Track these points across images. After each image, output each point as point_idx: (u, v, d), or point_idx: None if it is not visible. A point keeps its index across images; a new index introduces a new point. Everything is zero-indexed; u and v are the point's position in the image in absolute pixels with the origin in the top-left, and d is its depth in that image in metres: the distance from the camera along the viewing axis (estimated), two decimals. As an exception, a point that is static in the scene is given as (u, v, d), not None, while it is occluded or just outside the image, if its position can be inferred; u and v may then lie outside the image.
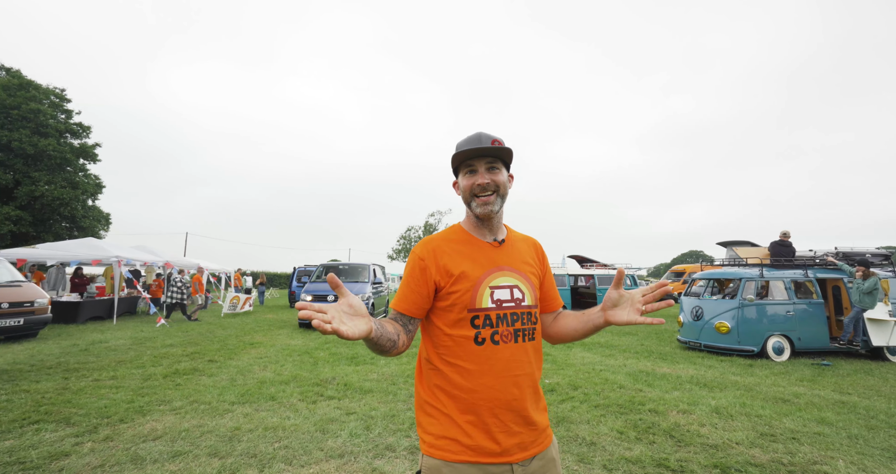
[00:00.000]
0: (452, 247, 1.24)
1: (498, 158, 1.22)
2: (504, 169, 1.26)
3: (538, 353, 1.24)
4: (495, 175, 1.22)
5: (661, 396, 4.70)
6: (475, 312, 1.17)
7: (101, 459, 2.87)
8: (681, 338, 8.12)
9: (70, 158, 24.60)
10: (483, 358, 1.15)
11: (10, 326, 7.58)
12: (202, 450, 3.03)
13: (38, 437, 3.23)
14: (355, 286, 10.00)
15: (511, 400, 1.14)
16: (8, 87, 23.13)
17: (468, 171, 1.23)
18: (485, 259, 1.23)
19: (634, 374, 5.75)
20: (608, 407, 4.32)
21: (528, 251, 1.34)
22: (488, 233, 1.28)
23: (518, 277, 1.24)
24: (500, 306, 1.19)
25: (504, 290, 1.20)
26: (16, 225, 21.98)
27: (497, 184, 1.21)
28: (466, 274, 1.19)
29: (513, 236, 1.34)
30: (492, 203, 1.21)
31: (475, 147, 1.18)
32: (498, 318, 1.18)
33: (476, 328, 1.17)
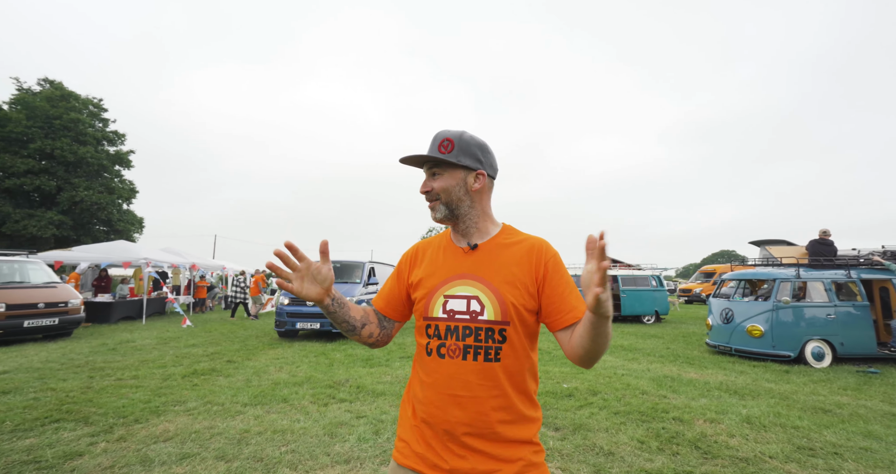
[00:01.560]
0: (431, 252, 1.21)
1: (442, 162, 1.12)
2: (457, 171, 1.13)
3: (508, 378, 1.06)
4: (436, 181, 1.14)
5: (687, 403, 4.45)
6: (428, 321, 1.12)
7: (112, 460, 2.90)
8: (710, 341, 7.74)
9: (106, 165, 25.79)
10: (430, 369, 1.09)
11: (45, 326, 7.93)
12: (210, 453, 3.02)
13: (57, 436, 3.30)
14: (343, 287, 8.98)
15: (451, 421, 1.04)
16: (51, 99, 24.44)
17: (426, 176, 1.18)
18: (449, 265, 1.15)
19: (658, 379, 5.48)
20: (629, 414, 4.11)
21: (515, 256, 1.13)
22: (462, 238, 1.19)
23: (480, 287, 1.09)
24: (452, 317, 1.09)
25: (459, 301, 1.09)
26: (58, 229, 23.17)
27: (438, 191, 1.13)
28: (424, 280, 1.16)
29: (499, 240, 1.17)
30: (434, 209, 1.15)
31: (409, 155, 1.13)
32: (448, 330, 1.09)
33: (428, 337, 1.12)
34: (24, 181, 22.76)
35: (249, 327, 10.60)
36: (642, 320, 12.71)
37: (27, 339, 8.01)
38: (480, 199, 1.17)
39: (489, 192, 1.20)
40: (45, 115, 23.73)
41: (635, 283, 12.64)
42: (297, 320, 8.25)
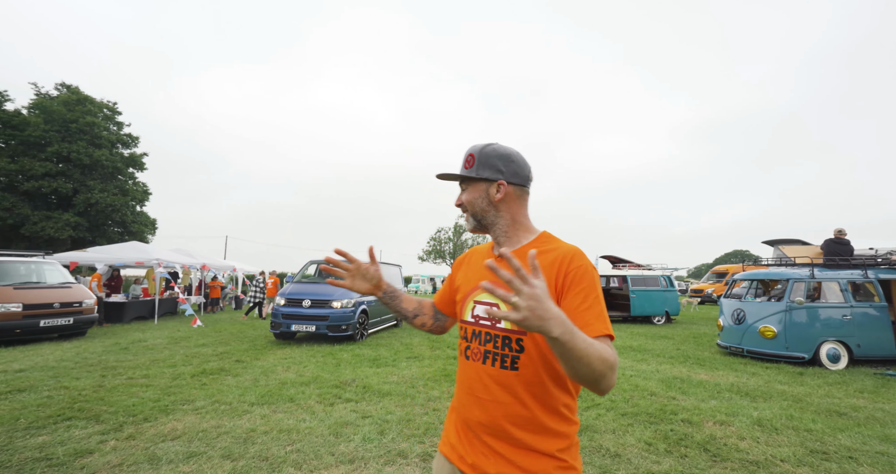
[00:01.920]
0: (473, 259, 1.30)
1: (466, 178, 1.20)
2: (479, 183, 1.19)
3: (527, 388, 1.04)
4: (464, 195, 1.22)
5: (697, 405, 4.38)
6: (462, 324, 1.23)
7: (121, 458, 2.94)
8: (721, 342, 7.62)
9: (121, 167, 26.27)
10: (461, 368, 1.19)
11: (60, 325, 8.09)
12: (216, 452, 3.05)
13: (69, 434, 3.36)
14: (338, 290, 8.25)
15: (473, 420, 1.11)
16: (68, 103, 24.97)
17: None
18: (482, 272, 1.21)
19: (668, 381, 5.40)
20: (637, 415, 4.06)
21: (544, 265, 1.08)
22: (497, 246, 1.24)
23: None
24: (477, 322, 1.17)
25: (484, 307, 1.16)
26: (75, 230, 23.65)
27: (465, 204, 1.21)
28: (462, 285, 1.26)
29: (528, 248, 1.13)
30: (467, 221, 1.24)
31: (442, 174, 1.22)
32: (473, 334, 1.17)
33: (462, 338, 1.22)
34: (41, 184, 23.28)
35: (259, 327, 10.70)
36: (652, 321, 12.56)
37: (43, 338, 8.19)
38: (508, 208, 1.18)
39: (518, 200, 1.19)
40: (62, 118, 24.25)
41: (645, 284, 12.49)
42: (292, 322, 8.06)
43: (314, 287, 8.63)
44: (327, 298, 8.16)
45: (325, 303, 8.13)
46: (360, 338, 8.50)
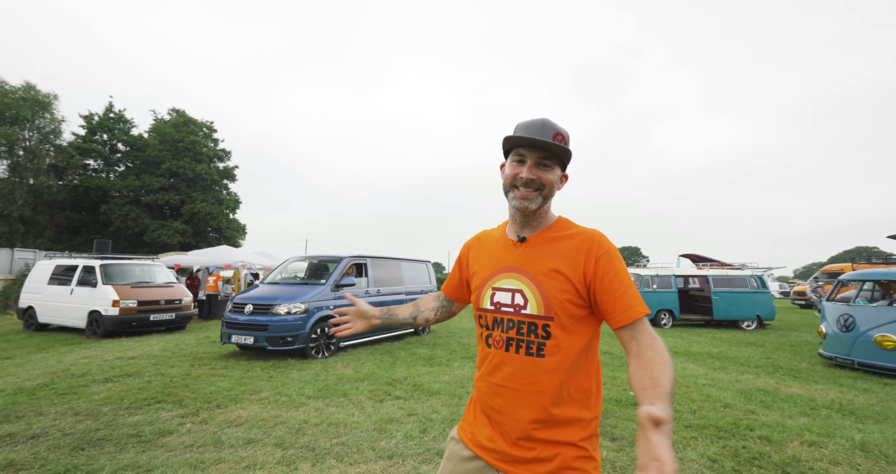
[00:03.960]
0: (486, 244, 1.26)
1: (554, 155, 1.09)
2: (557, 167, 1.13)
3: (552, 376, 1.03)
4: (545, 172, 1.10)
5: (781, 421, 3.85)
6: (480, 312, 1.19)
7: (193, 439, 3.31)
8: (824, 352, 6.61)
9: (216, 179, 29.56)
10: (482, 356, 1.18)
11: (165, 320, 9.33)
12: (271, 440, 3.31)
13: (157, 415, 3.86)
14: (299, 290, 6.93)
15: (493, 409, 1.10)
16: (177, 125, 28.68)
17: (517, 159, 1.12)
18: (499, 258, 1.18)
19: (748, 392, 4.82)
20: (703, 428, 3.67)
21: (564, 250, 1.09)
22: (518, 231, 1.19)
23: (525, 281, 1.10)
24: (499, 309, 1.14)
25: (505, 293, 1.13)
26: (182, 236, 27.07)
27: (544, 182, 1.10)
28: (477, 272, 1.23)
29: (551, 234, 1.14)
30: (531, 200, 1.10)
31: (531, 137, 1.06)
32: (494, 322, 1.14)
33: (481, 326, 1.19)
34: (157, 197, 26.99)
35: (330, 324, 11.40)
36: (740, 325, 11.27)
37: (152, 331, 9.48)
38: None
39: None
40: (172, 139, 27.92)
41: (730, 284, 11.24)
42: (232, 332, 6.54)
43: (275, 290, 7.01)
44: (270, 302, 6.51)
45: (266, 308, 6.45)
46: (322, 355, 6.63)
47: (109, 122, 28.39)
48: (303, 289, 6.94)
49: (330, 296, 6.99)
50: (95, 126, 28.01)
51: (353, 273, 7.77)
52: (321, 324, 6.68)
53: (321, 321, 6.71)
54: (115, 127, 28.55)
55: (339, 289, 7.13)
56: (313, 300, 6.72)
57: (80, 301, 8.95)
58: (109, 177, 27.97)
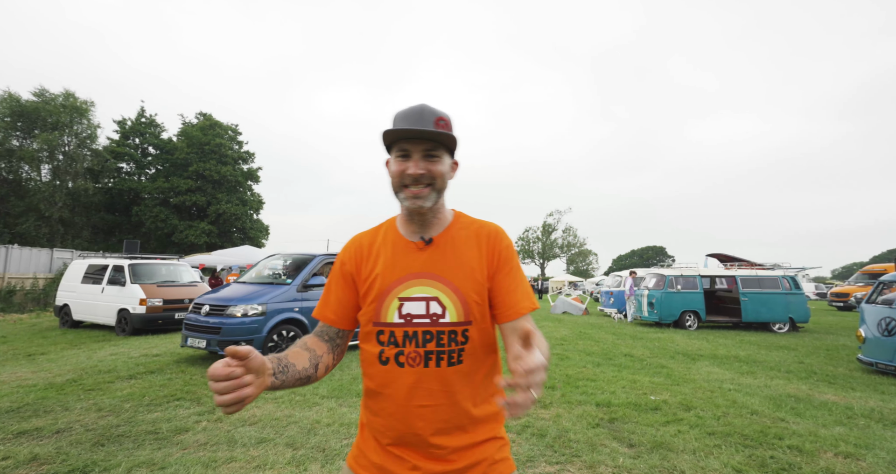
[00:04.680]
0: (376, 249, 1.08)
1: (440, 144, 1.00)
2: (446, 155, 1.03)
3: (472, 378, 1.00)
4: (433, 164, 0.99)
5: (814, 431, 3.64)
6: (380, 327, 1.01)
7: (207, 437, 3.36)
8: (863, 357, 6.24)
9: (241, 181, 30.34)
10: (387, 380, 1.00)
11: (190, 318, 9.60)
12: (282, 440, 3.32)
13: (175, 412, 3.95)
14: (262, 290, 6.42)
15: (412, 434, 0.98)
16: (203, 128, 29.59)
17: (400, 154, 1.00)
18: (402, 263, 1.03)
19: (778, 399, 4.58)
20: (728, 435, 3.50)
21: (470, 247, 1.05)
22: (416, 231, 1.06)
23: (440, 287, 1.00)
24: (410, 322, 0.99)
25: (417, 303, 1.00)
26: (208, 237, 27.91)
27: (434, 175, 0.99)
28: (375, 281, 1.03)
29: (453, 232, 1.07)
30: (424, 197, 0.99)
31: (412, 128, 0.95)
32: (405, 337, 0.99)
33: (381, 344, 1.01)
34: (185, 198, 27.91)
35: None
36: (771, 328, 10.79)
37: (177, 329, 9.76)
38: None
39: None
40: (198, 142, 28.81)
41: (760, 285, 10.77)
42: (189, 334, 6.16)
43: (239, 290, 6.58)
44: (226, 303, 6.10)
45: (222, 309, 6.05)
46: None
47: (141, 127, 29.53)
48: (267, 289, 6.46)
49: (295, 297, 6.47)
50: (128, 131, 29.19)
51: (326, 273, 7.04)
52: (283, 327, 6.26)
53: (283, 324, 6.28)
54: (147, 131, 29.69)
55: (308, 290, 6.61)
56: (274, 301, 6.22)
57: (111, 299, 9.31)
58: (141, 180, 29.09)
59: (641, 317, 12.06)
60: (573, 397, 4.58)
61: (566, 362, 6.45)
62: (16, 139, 23.49)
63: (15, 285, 14.34)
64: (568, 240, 57.00)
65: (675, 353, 7.39)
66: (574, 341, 8.68)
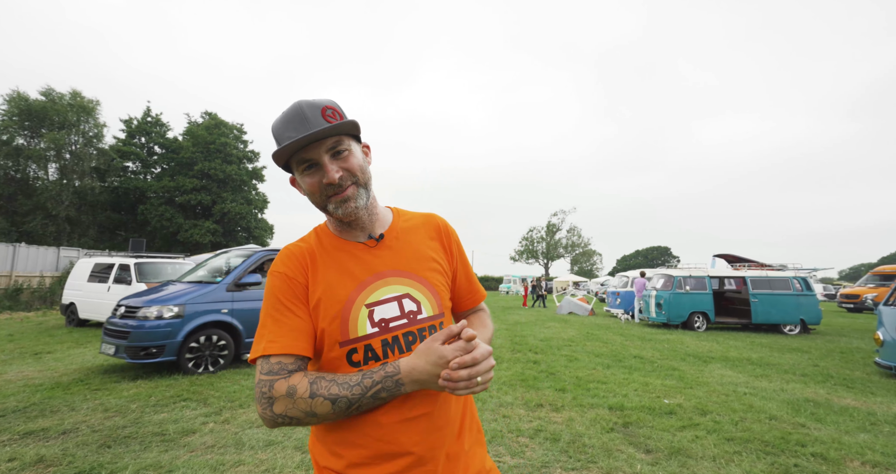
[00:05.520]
0: (319, 260, 0.92)
1: (342, 134, 0.87)
2: (353, 143, 0.90)
3: None
4: (346, 160, 0.87)
5: (837, 437, 3.52)
6: (350, 344, 0.85)
7: (215, 440, 3.29)
8: (881, 361, 6.09)
9: (246, 180, 30.38)
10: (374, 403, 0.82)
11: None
12: (291, 442, 3.25)
13: (182, 413, 3.89)
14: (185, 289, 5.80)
15: (409, 453, 0.83)
16: (209, 127, 29.66)
17: (306, 167, 0.86)
18: (357, 268, 0.91)
19: (796, 403, 4.46)
20: (748, 442, 3.40)
21: (423, 238, 1.01)
22: (360, 232, 0.95)
23: (408, 281, 0.92)
24: (387, 328, 0.87)
25: (388, 306, 0.89)
26: (213, 236, 27.96)
27: (352, 170, 0.87)
28: (330, 294, 0.87)
29: (400, 225, 1.01)
30: (354, 197, 0.88)
31: (304, 135, 0.80)
32: (385, 346, 0.86)
33: (356, 365, 0.85)
34: (190, 197, 27.97)
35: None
36: (781, 330, 10.63)
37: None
38: None
39: None
40: (204, 141, 28.88)
41: (770, 286, 10.62)
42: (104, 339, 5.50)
43: (168, 290, 5.92)
44: (139, 305, 5.45)
45: (134, 311, 5.41)
46: (206, 369, 5.45)
47: (147, 126, 29.63)
48: (191, 288, 5.78)
49: (224, 297, 5.75)
50: (134, 130, 29.30)
51: None
52: (206, 331, 5.52)
53: (207, 328, 5.54)
54: (152, 130, 29.79)
55: (242, 289, 5.92)
56: (195, 302, 5.50)
57: (116, 298, 9.28)
58: (146, 179, 29.20)
59: (649, 318, 11.93)
60: (585, 400, 4.48)
61: (575, 364, 6.36)
62: (23, 138, 23.64)
63: (22, 283, 14.40)
64: (572, 240, 56.77)
65: (685, 355, 7.27)
66: (582, 342, 8.58)
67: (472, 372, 0.73)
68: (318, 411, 0.77)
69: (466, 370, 0.73)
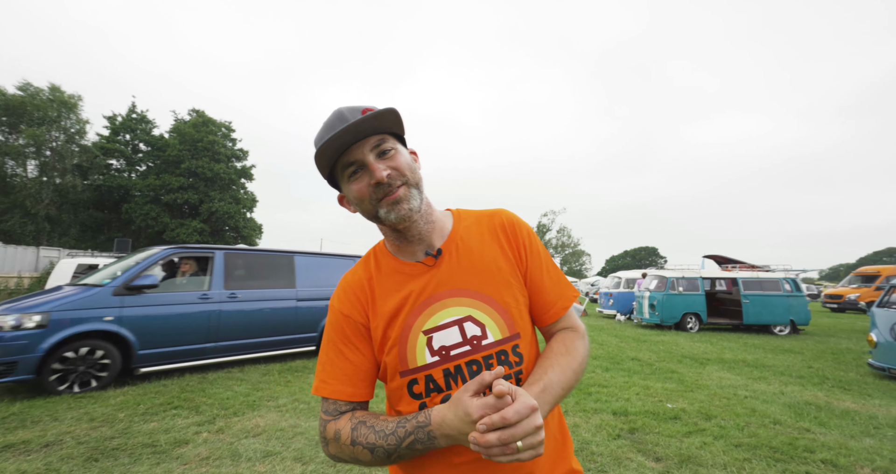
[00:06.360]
0: (375, 284, 0.86)
1: (385, 133, 0.80)
2: (399, 145, 0.83)
3: None
4: (393, 159, 0.79)
5: (843, 442, 3.51)
6: (410, 375, 0.80)
7: (209, 451, 3.14)
8: (875, 362, 6.16)
9: (234, 178, 29.90)
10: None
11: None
12: (290, 453, 3.12)
13: (173, 422, 3.71)
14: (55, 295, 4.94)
15: None
16: (196, 125, 29.11)
17: (351, 173, 0.80)
18: (414, 291, 0.82)
19: (797, 407, 4.46)
20: (756, 448, 3.36)
21: (484, 244, 0.86)
22: (418, 246, 0.85)
23: (468, 301, 0.81)
24: (448, 357, 0.79)
25: (448, 331, 0.80)
26: (200, 235, 27.45)
27: (400, 169, 0.79)
28: (389, 324, 0.82)
29: (459, 232, 0.88)
30: (406, 198, 0.79)
31: (342, 128, 0.74)
32: (448, 376, 0.78)
33: (417, 398, 0.79)
34: (177, 196, 27.43)
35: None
36: (772, 331, 10.76)
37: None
38: None
39: None
40: (191, 139, 28.36)
41: (761, 287, 10.74)
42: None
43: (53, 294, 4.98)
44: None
45: None
46: (74, 390, 4.54)
47: (132, 123, 28.97)
48: (69, 291, 4.94)
49: (109, 302, 4.84)
50: (118, 126, 28.62)
51: (190, 270, 5.81)
52: (81, 343, 4.59)
53: (82, 339, 4.62)
54: (138, 127, 29.13)
55: (134, 293, 5.02)
56: (64, 308, 4.58)
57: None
58: (131, 177, 28.55)
59: (642, 318, 11.98)
60: (587, 405, 4.42)
61: (574, 367, 6.30)
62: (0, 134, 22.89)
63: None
64: (562, 240, 57.14)
65: (682, 357, 7.27)
66: (578, 344, 8.53)
67: (505, 437, 0.59)
68: (361, 458, 0.75)
69: (496, 433, 0.59)
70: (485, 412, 0.61)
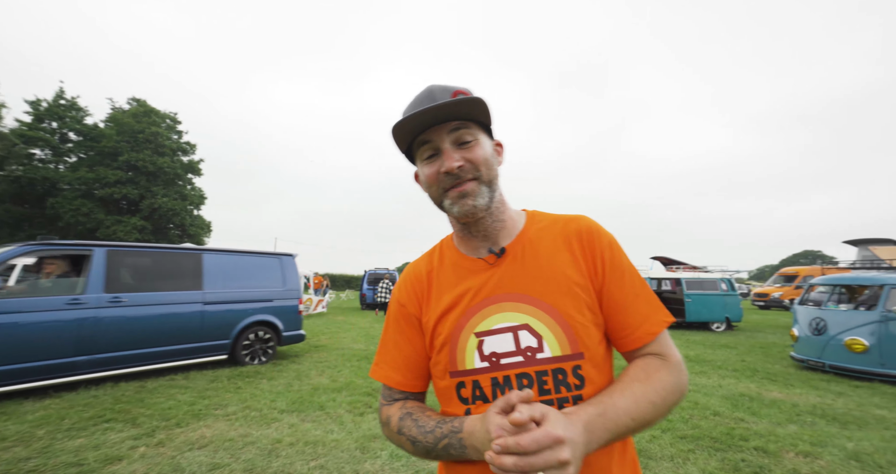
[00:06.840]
0: (435, 276, 0.84)
1: (469, 120, 0.75)
2: (482, 135, 0.78)
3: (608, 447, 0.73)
4: (470, 150, 0.75)
5: (772, 430, 3.80)
6: (459, 377, 0.75)
7: (147, 467, 2.89)
8: (795, 355, 6.76)
9: (180, 173, 28.13)
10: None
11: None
12: (239, 465, 2.94)
13: (105, 437, 3.39)
14: None
15: None
16: (136, 115, 27.08)
17: (428, 154, 0.77)
18: (471, 288, 0.78)
19: (734, 398, 4.80)
20: (699, 439, 3.56)
21: (556, 249, 0.79)
22: (482, 242, 0.82)
23: (528, 308, 0.74)
24: (497, 365, 0.73)
25: (501, 337, 0.74)
26: (141, 233, 25.55)
27: (475, 162, 0.75)
28: (442, 318, 0.79)
29: (530, 234, 0.82)
30: (473, 194, 0.75)
31: (424, 107, 0.70)
32: (496, 386, 0.72)
33: (465, 402, 0.75)
34: (113, 190, 25.37)
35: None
36: (710, 327, 11.56)
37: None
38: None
39: None
40: (131, 130, 26.33)
41: (702, 287, 11.51)
42: None
43: None
44: None
45: None
46: None
47: (60, 110, 26.44)
48: None
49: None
50: (43, 113, 26.02)
51: (57, 271, 5.01)
52: None
53: None
54: (67, 115, 26.63)
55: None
56: None
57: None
58: (58, 169, 26.05)
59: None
60: (544, 403, 4.52)
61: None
62: None
63: None
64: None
65: (631, 354, 7.63)
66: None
67: (522, 465, 0.54)
68: (405, 447, 0.76)
69: (512, 458, 0.55)
70: (500, 434, 0.58)
